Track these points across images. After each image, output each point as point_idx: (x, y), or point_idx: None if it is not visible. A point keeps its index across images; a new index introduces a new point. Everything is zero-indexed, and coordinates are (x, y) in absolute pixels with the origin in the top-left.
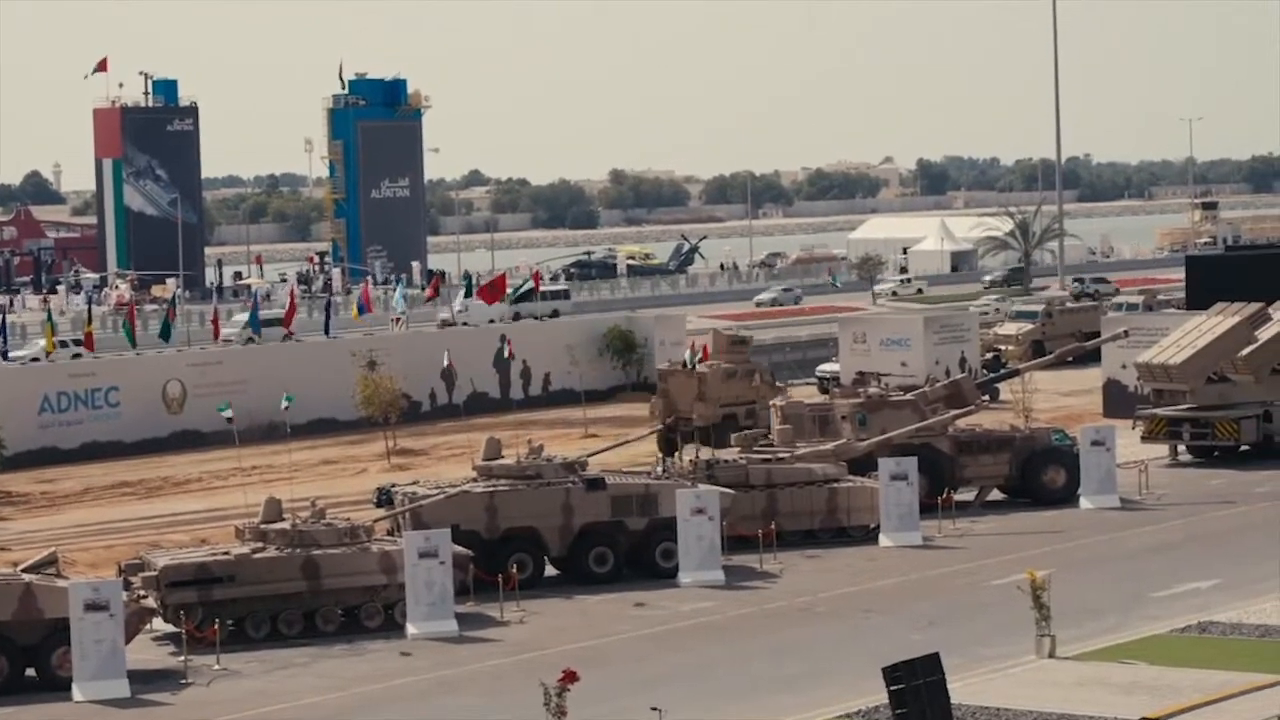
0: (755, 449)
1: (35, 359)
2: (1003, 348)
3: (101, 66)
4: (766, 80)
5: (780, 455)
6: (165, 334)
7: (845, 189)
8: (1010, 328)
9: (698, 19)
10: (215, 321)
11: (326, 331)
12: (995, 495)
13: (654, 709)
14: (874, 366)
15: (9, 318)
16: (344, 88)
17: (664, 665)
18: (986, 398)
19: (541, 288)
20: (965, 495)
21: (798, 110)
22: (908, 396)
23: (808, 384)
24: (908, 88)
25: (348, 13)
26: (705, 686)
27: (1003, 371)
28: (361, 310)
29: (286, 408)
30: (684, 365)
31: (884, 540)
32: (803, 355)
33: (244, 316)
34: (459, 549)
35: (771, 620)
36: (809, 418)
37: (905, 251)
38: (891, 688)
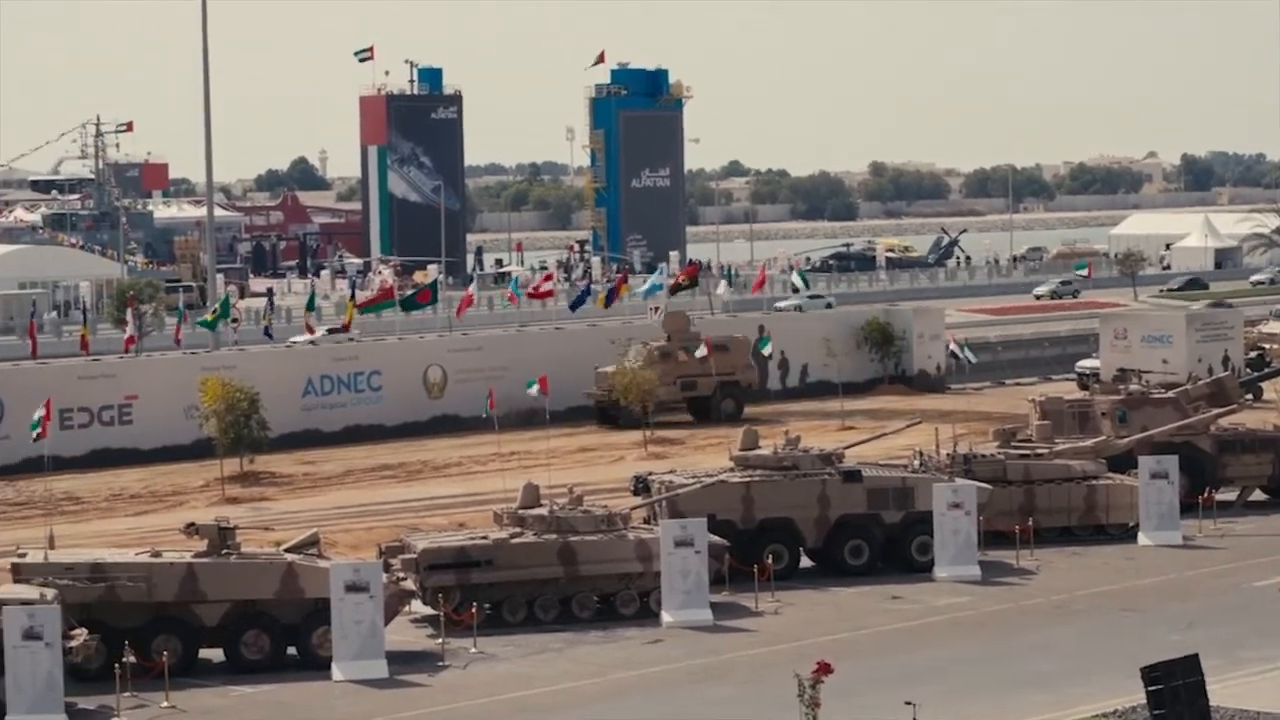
0: (1014, 444)
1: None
2: (1267, 346)
3: (369, 54)
4: (1029, 72)
5: (1039, 451)
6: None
7: (1108, 184)
8: (1275, 326)
9: (960, 10)
10: (466, 304)
11: (573, 308)
12: (1257, 495)
13: (908, 703)
14: (1135, 363)
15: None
16: (600, 77)
17: (918, 660)
18: (1250, 396)
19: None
20: (1226, 495)
21: (1061, 103)
22: (1169, 394)
23: (1067, 379)
24: (1172, 82)
25: (611, 2)
26: (959, 682)
27: (1267, 370)
28: (610, 300)
29: (535, 394)
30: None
31: (1143, 539)
32: (1062, 350)
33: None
34: (715, 538)
35: (1027, 617)
36: (1069, 414)
37: (1168, 248)
38: (1150, 688)
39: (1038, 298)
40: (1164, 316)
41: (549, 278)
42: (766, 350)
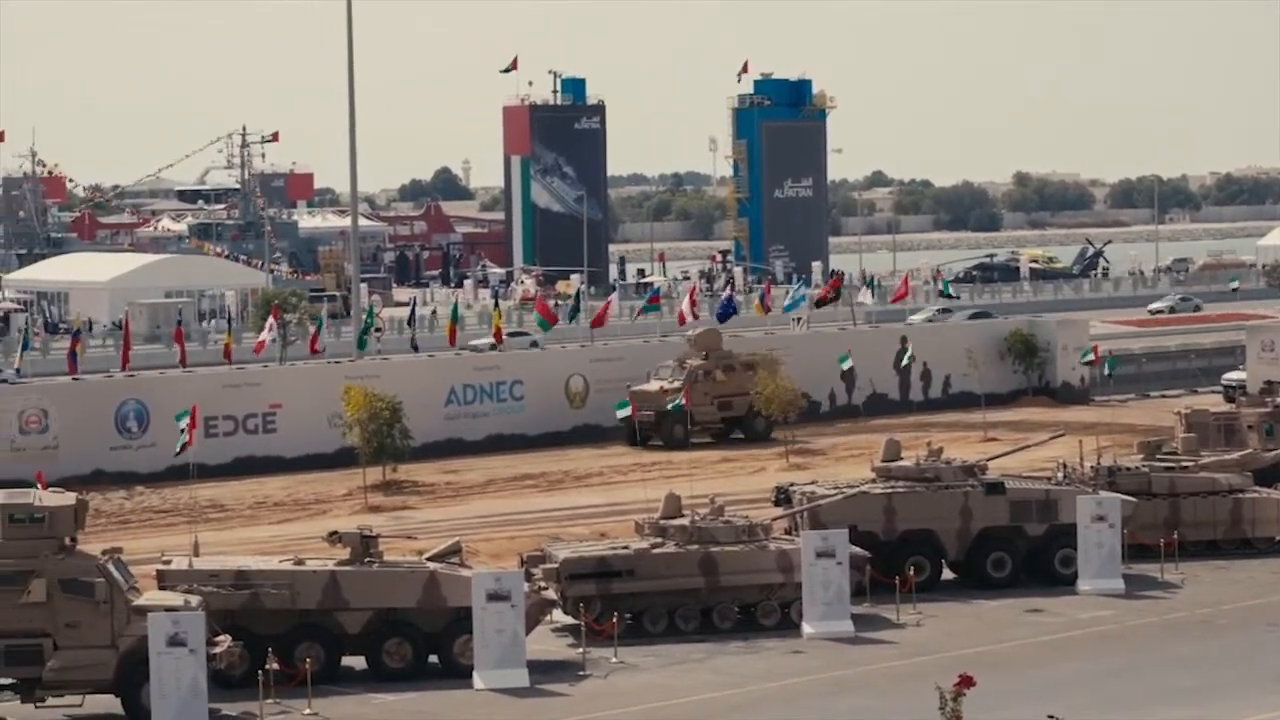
0: (1159, 457)
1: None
2: None
3: (512, 65)
4: (1175, 82)
5: (1184, 464)
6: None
7: (1255, 194)
8: None
9: (1105, 21)
10: (604, 313)
11: (721, 320)
12: None
13: (1050, 717)
14: None
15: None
16: (743, 87)
17: (1061, 673)
18: None
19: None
20: None
21: (1207, 113)
22: None
23: (1213, 392)
24: None
25: (753, 13)
26: (1101, 696)
27: None
28: (764, 307)
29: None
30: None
31: None
32: (1208, 363)
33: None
34: (856, 549)
35: (1171, 631)
36: (1214, 426)
37: None
38: None
39: (1152, 313)
40: None
41: (694, 291)
42: (905, 361)
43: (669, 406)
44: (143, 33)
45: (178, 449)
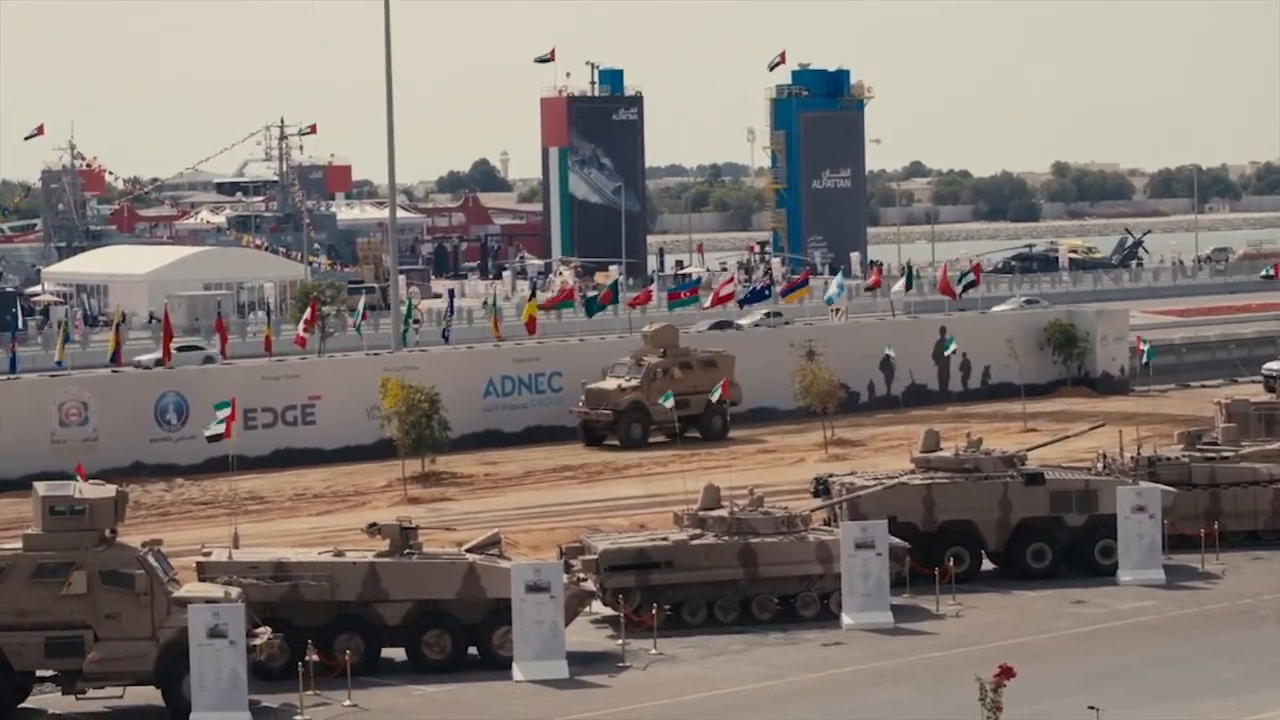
0: (1199, 447)
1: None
2: None
3: (550, 56)
4: (1214, 71)
5: (1224, 454)
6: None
7: None
8: None
9: (1144, 9)
10: (645, 297)
11: (742, 304)
12: None
13: (1091, 708)
14: None
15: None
16: (781, 78)
17: (1101, 664)
18: None
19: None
20: None
21: (1247, 102)
22: None
23: (1254, 382)
24: None
25: (791, 3)
26: (1142, 686)
27: None
28: (787, 293)
29: (670, 406)
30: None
31: None
32: (1248, 353)
33: None
34: (896, 540)
35: (1212, 622)
36: (1254, 416)
37: None
38: None
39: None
40: None
41: (730, 282)
42: (948, 351)
43: (662, 402)
44: (182, 29)
45: (209, 435)
